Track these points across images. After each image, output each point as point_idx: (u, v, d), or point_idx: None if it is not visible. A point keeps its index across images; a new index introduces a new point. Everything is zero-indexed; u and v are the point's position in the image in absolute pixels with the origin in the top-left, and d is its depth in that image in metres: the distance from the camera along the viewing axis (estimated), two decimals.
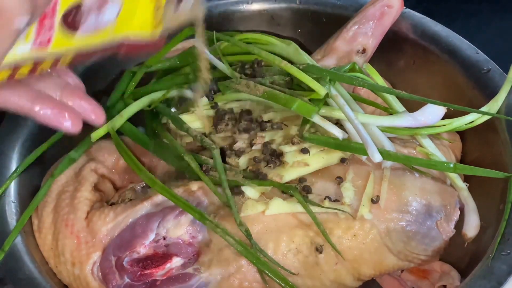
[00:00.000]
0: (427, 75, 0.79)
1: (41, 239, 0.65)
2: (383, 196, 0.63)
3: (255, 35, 0.74)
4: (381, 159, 0.59)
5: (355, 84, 0.66)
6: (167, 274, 0.60)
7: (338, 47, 0.77)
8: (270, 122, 0.68)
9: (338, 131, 0.62)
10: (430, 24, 0.79)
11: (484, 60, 0.73)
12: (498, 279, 0.56)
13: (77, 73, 0.76)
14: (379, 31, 0.78)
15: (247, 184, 0.63)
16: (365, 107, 0.71)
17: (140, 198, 0.65)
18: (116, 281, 0.60)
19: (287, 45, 0.73)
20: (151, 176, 0.63)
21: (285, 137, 0.67)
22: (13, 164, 0.68)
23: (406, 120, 0.65)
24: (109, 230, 0.63)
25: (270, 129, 0.67)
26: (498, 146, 0.68)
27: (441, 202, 0.64)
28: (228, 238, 0.59)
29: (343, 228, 0.61)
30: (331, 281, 0.63)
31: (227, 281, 0.60)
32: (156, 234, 0.62)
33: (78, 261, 0.62)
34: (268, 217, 0.61)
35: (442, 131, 0.68)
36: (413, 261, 0.65)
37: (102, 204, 0.67)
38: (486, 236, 0.64)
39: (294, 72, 0.64)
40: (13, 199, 0.66)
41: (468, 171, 0.64)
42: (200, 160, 0.65)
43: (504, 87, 0.69)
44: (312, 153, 0.64)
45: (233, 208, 0.60)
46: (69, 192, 0.66)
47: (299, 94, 0.65)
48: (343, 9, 0.83)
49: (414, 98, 0.64)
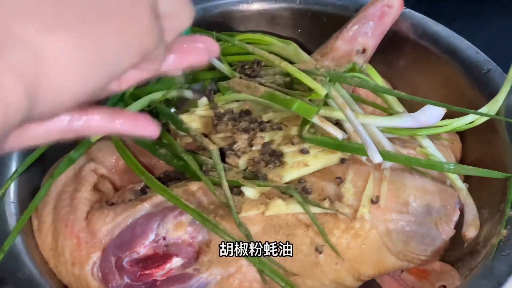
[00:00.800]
0: (427, 75, 0.79)
1: (41, 239, 0.65)
2: (382, 196, 0.63)
3: (255, 36, 0.74)
4: (381, 160, 0.59)
5: (355, 85, 0.66)
6: (167, 275, 0.60)
7: (338, 47, 0.77)
8: (270, 122, 0.68)
9: (338, 131, 0.62)
10: (431, 24, 0.79)
11: (484, 60, 0.73)
12: (498, 279, 0.56)
13: None
14: (379, 31, 0.78)
15: (247, 184, 0.62)
16: (365, 107, 0.71)
17: (140, 199, 0.65)
18: (116, 281, 0.60)
19: (287, 45, 0.73)
20: (150, 177, 0.63)
21: (284, 137, 0.67)
22: (13, 163, 0.69)
23: (406, 121, 0.65)
24: (109, 230, 0.63)
25: (270, 129, 0.67)
26: (498, 147, 0.68)
27: (441, 203, 0.64)
28: (228, 238, 0.59)
29: (342, 229, 0.61)
30: (331, 281, 0.63)
31: (227, 281, 0.60)
32: (156, 234, 0.62)
33: (78, 261, 0.62)
34: (267, 217, 0.61)
35: (442, 131, 0.68)
36: (413, 261, 0.65)
37: (102, 205, 0.67)
38: (486, 236, 0.64)
39: (294, 72, 0.64)
40: (13, 199, 0.66)
41: (468, 171, 0.64)
42: (199, 160, 0.65)
43: (504, 87, 0.68)
44: (312, 154, 0.64)
45: (233, 208, 0.60)
46: (69, 192, 0.66)
47: (299, 94, 0.65)
48: (343, 9, 0.83)
49: (414, 99, 0.64)
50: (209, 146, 0.63)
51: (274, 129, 0.67)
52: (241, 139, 0.67)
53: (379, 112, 0.70)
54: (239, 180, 0.63)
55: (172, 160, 0.67)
